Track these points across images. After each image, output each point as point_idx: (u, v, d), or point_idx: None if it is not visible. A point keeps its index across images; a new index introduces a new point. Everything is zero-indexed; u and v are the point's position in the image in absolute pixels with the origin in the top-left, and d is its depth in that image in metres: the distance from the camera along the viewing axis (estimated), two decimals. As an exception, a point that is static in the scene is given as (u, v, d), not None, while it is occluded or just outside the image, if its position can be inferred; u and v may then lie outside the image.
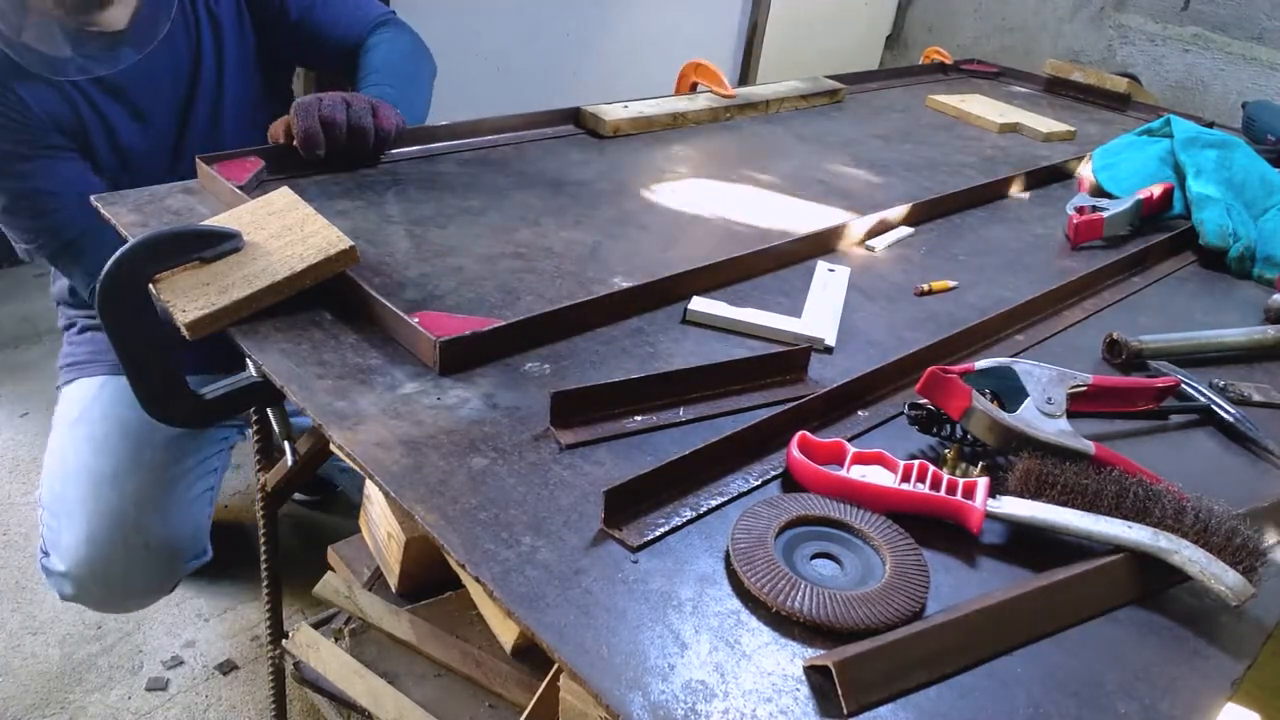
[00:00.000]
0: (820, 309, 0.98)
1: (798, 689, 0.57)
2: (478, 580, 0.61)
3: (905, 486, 0.70)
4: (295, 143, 1.10)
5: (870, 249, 1.16)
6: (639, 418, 0.78)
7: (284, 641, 1.25)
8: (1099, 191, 1.38)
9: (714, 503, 0.70)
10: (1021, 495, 0.71)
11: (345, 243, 0.89)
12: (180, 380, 0.84)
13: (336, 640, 1.21)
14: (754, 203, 1.26)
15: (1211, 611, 0.67)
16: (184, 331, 0.80)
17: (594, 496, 0.67)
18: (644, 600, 0.61)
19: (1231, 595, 0.64)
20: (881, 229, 1.19)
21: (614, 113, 1.42)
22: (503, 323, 0.84)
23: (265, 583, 1.27)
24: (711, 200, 1.24)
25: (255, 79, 1.41)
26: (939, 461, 0.77)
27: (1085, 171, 1.44)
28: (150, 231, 0.81)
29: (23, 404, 2.33)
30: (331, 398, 0.76)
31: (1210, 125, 1.62)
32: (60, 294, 1.55)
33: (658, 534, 0.66)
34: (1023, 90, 2.04)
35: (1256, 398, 0.93)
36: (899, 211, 1.21)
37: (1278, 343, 1.02)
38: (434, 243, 1.03)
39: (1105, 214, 1.25)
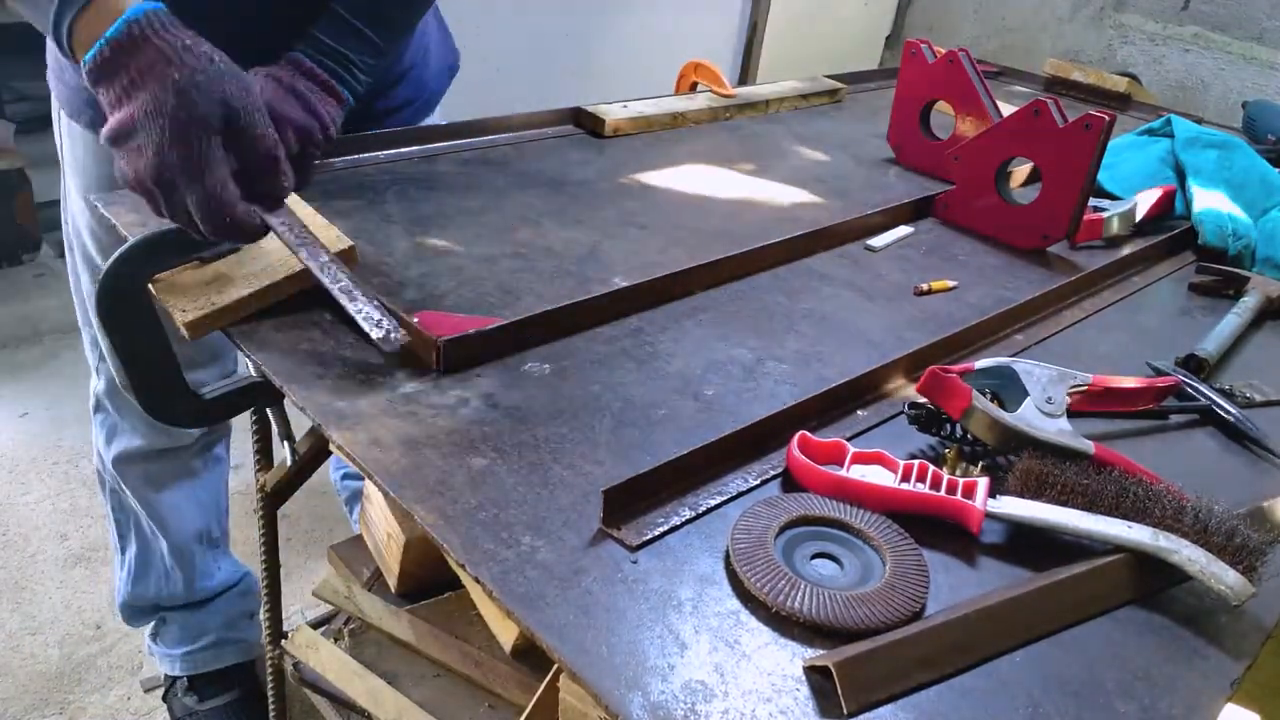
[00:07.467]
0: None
1: (797, 689, 0.57)
2: (477, 580, 0.61)
3: (905, 486, 0.70)
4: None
5: (870, 248, 1.15)
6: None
7: (284, 641, 1.25)
8: (1099, 191, 1.38)
9: (713, 502, 0.70)
10: (1021, 495, 0.71)
11: (345, 242, 0.89)
12: (180, 380, 0.84)
13: (336, 640, 1.21)
14: (753, 201, 1.26)
15: (1211, 611, 0.67)
16: (183, 332, 0.80)
17: (593, 496, 0.67)
18: (644, 600, 0.61)
19: (1231, 595, 0.64)
20: (879, 226, 1.19)
21: (614, 113, 1.41)
22: (503, 322, 0.84)
23: (265, 583, 1.27)
24: (711, 199, 1.24)
25: None
26: (939, 461, 0.77)
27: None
28: (150, 231, 0.81)
29: (23, 404, 2.33)
30: (331, 398, 0.76)
31: (1200, 121, 1.62)
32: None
33: (657, 533, 0.66)
34: (1023, 90, 2.03)
35: (1257, 398, 0.93)
36: (893, 208, 1.21)
37: None
38: (434, 243, 1.03)
39: (1105, 214, 1.25)
